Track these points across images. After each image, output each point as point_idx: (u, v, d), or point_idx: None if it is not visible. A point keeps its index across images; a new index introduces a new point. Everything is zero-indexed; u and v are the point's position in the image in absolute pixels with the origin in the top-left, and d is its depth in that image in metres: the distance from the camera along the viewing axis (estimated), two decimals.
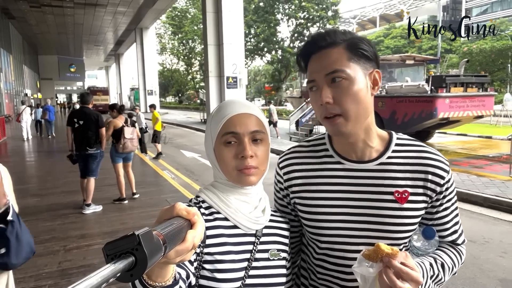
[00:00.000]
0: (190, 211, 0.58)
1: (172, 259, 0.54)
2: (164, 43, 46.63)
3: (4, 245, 1.43)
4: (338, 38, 0.93)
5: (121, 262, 0.43)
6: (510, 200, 5.38)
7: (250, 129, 0.91)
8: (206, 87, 19.59)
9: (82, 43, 38.10)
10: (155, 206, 5.77)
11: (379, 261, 0.81)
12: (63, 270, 3.61)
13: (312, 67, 0.95)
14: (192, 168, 8.98)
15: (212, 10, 18.82)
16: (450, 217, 1.02)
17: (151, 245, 0.46)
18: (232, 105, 0.93)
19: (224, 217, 0.93)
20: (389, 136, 1.03)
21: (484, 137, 13.65)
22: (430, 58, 16.22)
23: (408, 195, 0.95)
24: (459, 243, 1.05)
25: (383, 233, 0.96)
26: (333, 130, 0.95)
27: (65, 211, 5.48)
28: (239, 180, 0.91)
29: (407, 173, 0.97)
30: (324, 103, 0.91)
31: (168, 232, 0.51)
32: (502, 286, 3.32)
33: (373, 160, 0.99)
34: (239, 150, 0.90)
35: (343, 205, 0.99)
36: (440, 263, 0.97)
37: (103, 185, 6.90)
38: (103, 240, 4.37)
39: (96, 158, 5.57)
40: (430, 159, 0.97)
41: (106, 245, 0.45)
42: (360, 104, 0.91)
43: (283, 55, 34.47)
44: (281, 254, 0.99)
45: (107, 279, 0.41)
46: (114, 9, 25.09)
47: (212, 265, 0.88)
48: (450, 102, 10.87)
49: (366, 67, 0.93)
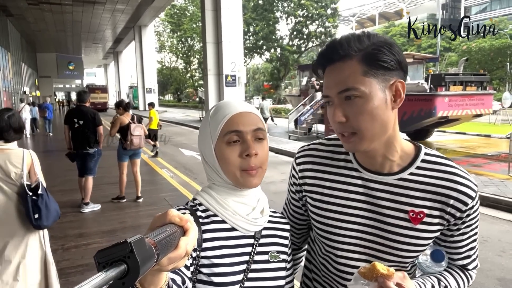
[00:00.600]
0: (183, 217, 0.57)
1: (165, 266, 0.54)
2: (162, 41, 46.52)
3: (37, 212, 2.31)
4: (352, 50, 0.85)
5: (113, 270, 0.43)
6: (509, 199, 5.39)
7: (253, 127, 0.89)
8: (205, 85, 19.56)
9: (80, 41, 37.98)
10: (153, 205, 5.76)
11: (374, 280, 0.80)
12: (61, 270, 3.59)
13: (326, 81, 0.90)
14: (191, 166, 8.98)
15: (211, 8, 18.78)
16: (465, 242, 0.97)
17: (143, 252, 0.46)
18: (231, 105, 0.92)
19: (222, 219, 0.91)
20: (416, 151, 0.95)
21: (483, 135, 13.67)
22: (429, 56, 16.22)
23: (423, 216, 0.90)
24: (470, 268, 1.01)
25: (391, 249, 0.93)
26: (348, 148, 0.91)
27: (63, 210, 5.41)
28: (243, 181, 0.89)
29: (427, 193, 0.90)
30: (336, 122, 0.88)
31: (160, 239, 0.51)
32: (500, 285, 3.33)
33: (393, 174, 0.93)
34: (243, 148, 0.88)
35: (354, 214, 0.96)
36: (443, 286, 0.94)
37: (102, 184, 6.89)
38: (102, 239, 4.36)
39: (94, 157, 5.55)
40: (456, 182, 0.90)
41: (97, 252, 0.45)
42: (375, 122, 0.85)
43: (282, 53, 34.42)
44: (281, 256, 0.98)
45: (99, 287, 0.40)
46: (112, 7, 24.99)
47: (209, 269, 0.87)
48: (449, 100, 10.87)
49: (386, 78, 0.85)
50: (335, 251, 0.99)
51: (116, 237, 4.42)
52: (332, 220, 0.98)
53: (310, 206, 1.04)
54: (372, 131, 0.85)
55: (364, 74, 0.83)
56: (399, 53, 0.86)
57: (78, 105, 5.62)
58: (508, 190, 5.83)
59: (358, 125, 0.85)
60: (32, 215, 2.35)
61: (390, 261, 0.93)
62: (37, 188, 2.42)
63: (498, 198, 5.47)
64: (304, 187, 1.05)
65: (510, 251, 4.02)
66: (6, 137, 2.43)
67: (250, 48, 34.55)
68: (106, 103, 40.35)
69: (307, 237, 1.17)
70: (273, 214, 1.03)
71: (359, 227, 0.95)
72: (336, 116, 0.86)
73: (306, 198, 1.05)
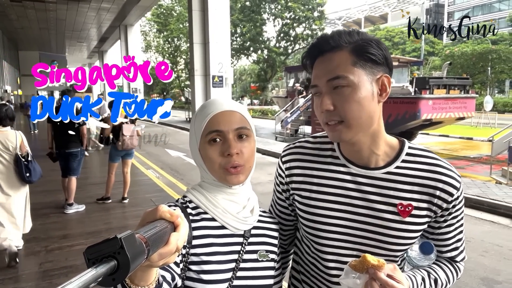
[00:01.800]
0: (174, 213, 0.57)
1: (155, 262, 0.54)
2: (149, 40, 46.06)
3: (28, 171, 3.77)
4: (343, 41, 0.88)
5: (103, 266, 0.43)
6: (491, 200, 5.51)
7: (234, 126, 0.89)
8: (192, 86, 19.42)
9: (64, 39, 37.30)
10: (139, 206, 5.69)
11: (365, 272, 0.80)
12: (45, 272, 3.52)
13: (315, 72, 0.92)
14: (177, 167, 8.91)
15: (198, 8, 18.67)
16: (452, 234, 0.99)
17: (133, 248, 0.46)
18: (215, 104, 0.92)
19: (212, 217, 0.91)
20: (400, 145, 0.97)
21: (465, 138, 13.96)
22: (414, 60, 16.49)
23: (411, 209, 0.92)
24: (458, 260, 1.02)
25: (380, 243, 0.93)
26: (333, 137, 0.92)
27: (46, 211, 5.35)
28: (225, 179, 0.89)
29: (414, 185, 0.92)
30: (324, 110, 0.88)
31: (151, 235, 0.50)
32: (484, 284, 3.39)
33: (380, 168, 0.94)
34: (224, 148, 0.88)
35: (343, 210, 0.96)
36: (433, 278, 0.95)
37: (86, 184, 6.78)
38: (86, 241, 4.28)
39: (77, 157, 5.44)
40: (441, 173, 0.92)
41: (87, 249, 0.45)
42: (362, 111, 0.87)
43: (269, 55, 34.49)
44: (270, 255, 0.98)
45: (89, 283, 0.40)
46: (98, 5, 24.62)
47: (198, 266, 0.87)
48: (433, 103, 11.06)
49: (374, 72, 0.88)
50: (324, 248, 0.99)
51: (102, 239, 4.28)
52: (321, 217, 0.97)
53: (298, 204, 1.03)
54: (358, 120, 0.87)
55: (353, 64, 0.86)
56: (386, 50, 0.89)
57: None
58: (490, 191, 5.96)
59: (345, 114, 0.87)
60: (25, 174, 3.79)
61: (380, 255, 0.93)
62: (27, 156, 3.86)
63: (480, 199, 5.59)
64: (291, 185, 1.04)
65: (493, 251, 4.10)
66: (4, 123, 3.81)
67: (237, 49, 34.52)
68: None
69: (294, 239, 1.16)
70: (262, 214, 1.03)
71: (348, 223, 0.95)
72: (324, 104, 0.88)
73: (293, 197, 1.05)
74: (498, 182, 6.77)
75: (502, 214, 5.27)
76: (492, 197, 5.63)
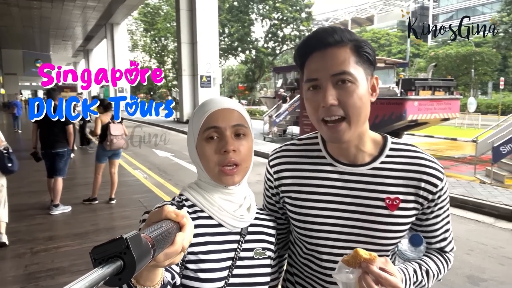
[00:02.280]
0: (179, 213, 0.57)
1: (161, 262, 0.54)
2: (135, 40, 45.57)
3: (10, 162, 4.06)
4: (346, 38, 0.88)
5: (109, 266, 0.43)
6: (476, 199, 5.61)
7: (232, 123, 0.89)
8: (180, 86, 19.36)
9: (49, 38, 36.69)
10: (127, 207, 5.63)
11: (358, 266, 0.81)
12: (30, 274, 3.45)
13: (315, 64, 0.90)
14: (165, 167, 8.83)
15: (186, 8, 18.61)
16: (440, 225, 1.00)
17: (139, 248, 0.46)
18: (214, 102, 0.92)
19: (208, 215, 0.91)
20: (383, 140, 1.00)
21: (450, 139, 14.20)
22: (400, 61, 16.70)
23: (399, 202, 0.93)
24: (447, 250, 1.04)
25: (371, 238, 0.95)
26: (333, 137, 0.91)
27: (31, 212, 5.25)
28: (221, 179, 0.89)
29: (400, 179, 0.94)
30: (328, 105, 0.87)
31: (156, 235, 0.51)
32: (469, 282, 3.46)
33: (366, 164, 0.96)
34: (221, 145, 0.88)
35: (333, 208, 0.97)
36: (425, 270, 0.97)
37: (72, 185, 6.68)
38: (73, 242, 4.22)
39: (64, 157, 5.35)
40: (424, 166, 0.94)
41: (93, 249, 0.45)
42: (363, 108, 0.89)
43: (257, 55, 34.52)
44: (267, 253, 0.98)
45: (95, 283, 0.40)
46: (83, 3, 24.30)
47: (195, 264, 0.86)
48: (418, 104, 11.22)
49: (368, 72, 0.91)
50: (317, 248, 0.99)
51: (89, 240, 4.28)
52: (311, 217, 0.98)
53: (288, 206, 1.03)
54: (358, 116, 0.88)
55: (355, 61, 0.88)
56: (374, 52, 0.93)
57: None
58: (475, 191, 6.07)
59: (348, 109, 0.87)
60: (7, 164, 4.06)
61: (372, 250, 0.93)
62: (7, 148, 4.11)
63: (465, 198, 5.69)
64: (281, 188, 1.05)
65: (478, 249, 4.19)
66: None
67: (225, 49, 34.47)
68: None
69: (287, 243, 1.16)
70: (259, 212, 1.03)
71: (339, 221, 0.96)
72: (329, 98, 0.86)
73: (283, 199, 1.05)
74: (482, 182, 6.90)
75: (486, 213, 5.37)
76: (477, 196, 5.74)
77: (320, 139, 1.05)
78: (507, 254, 4.07)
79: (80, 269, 3.52)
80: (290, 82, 16.15)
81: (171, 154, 10.69)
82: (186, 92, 18.87)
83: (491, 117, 21.23)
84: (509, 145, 6.52)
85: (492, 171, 6.89)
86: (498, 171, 6.95)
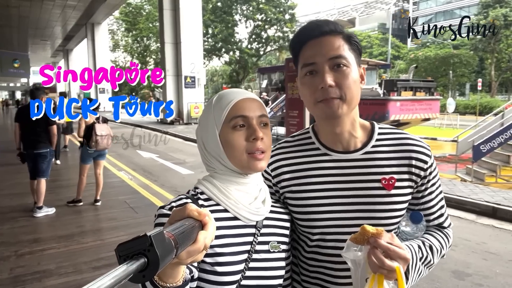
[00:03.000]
0: (202, 212, 0.58)
1: (184, 260, 0.55)
2: (117, 39, 44.93)
3: None
4: (338, 28, 0.97)
5: (133, 263, 0.44)
6: (458, 197, 5.77)
7: (257, 113, 0.91)
8: (164, 86, 19.16)
9: (27, 37, 35.73)
10: (113, 208, 5.55)
11: (366, 243, 0.83)
12: (16, 277, 3.37)
13: (312, 50, 0.96)
14: (149, 168, 8.74)
15: (169, 7, 18.44)
16: (435, 201, 1.06)
17: (163, 246, 0.47)
18: (234, 92, 0.94)
19: (224, 208, 0.91)
20: (371, 126, 1.07)
21: (430, 138, 14.51)
22: (382, 63, 17.00)
23: (394, 182, 0.99)
24: (446, 226, 1.09)
25: (373, 220, 0.98)
26: (329, 112, 0.96)
27: (14, 215, 5.12)
28: (249, 164, 0.90)
29: (392, 160, 1.01)
30: (327, 86, 0.93)
31: (179, 233, 0.52)
32: (454, 277, 3.55)
33: (358, 150, 1.02)
34: (250, 132, 0.89)
35: (333, 196, 1.01)
36: (428, 245, 1.00)
37: (56, 187, 6.54)
38: (59, 244, 4.13)
39: (46, 158, 5.24)
40: (412, 145, 1.02)
41: (118, 246, 0.46)
42: (356, 91, 0.96)
43: (241, 56, 34.49)
44: (281, 246, 0.99)
45: (120, 279, 0.41)
46: (63, 2, 23.80)
47: (212, 258, 0.87)
48: (401, 105, 11.43)
49: (357, 60, 0.98)
50: (322, 236, 1.02)
51: (74, 242, 4.21)
52: (313, 207, 1.01)
53: (289, 200, 1.06)
54: (353, 98, 0.95)
55: (348, 49, 0.96)
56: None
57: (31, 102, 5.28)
58: (457, 188, 6.24)
59: (345, 91, 0.94)
60: None
61: None
62: None
63: (448, 196, 5.82)
64: (280, 185, 1.07)
65: (462, 245, 4.30)
66: None
67: (209, 50, 34.31)
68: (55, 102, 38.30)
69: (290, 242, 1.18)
70: (274, 205, 1.03)
71: (340, 207, 1.00)
72: (328, 80, 0.92)
73: (284, 195, 1.07)
74: (463, 180, 7.08)
75: (468, 210, 5.52)
76: (459, 194, 5.90)
77: (312, 133, 1.10)
78: (489, 249, 4.19)
79: (67, 271, 3.45)
80: (275, 82, 16.20)
81: (156, 155, 10.58)
82: (170, 92, 18.69)
83: (469, 118, 21.80)
84: (489, 143, 6.72)
85: (472, 169, 7.08)
86: (479, 169, 7.15)
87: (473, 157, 6.97)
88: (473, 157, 6.99)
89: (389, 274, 0.81)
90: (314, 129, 1.10)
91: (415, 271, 0.93)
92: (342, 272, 1.00)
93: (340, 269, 1.01)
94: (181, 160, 9.73)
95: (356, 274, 0.86)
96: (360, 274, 0.85)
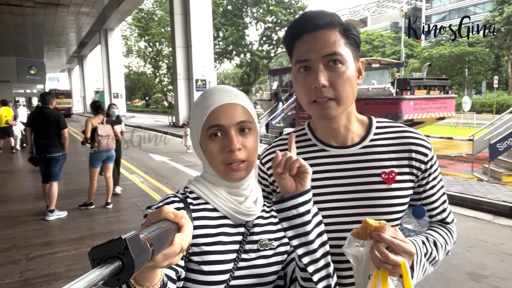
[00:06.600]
0: (178, 214, 0.57)
1: (160, 263, 0.53)
2: (130, 45, 45.54)
3: None
4: (335, 21, 0.91)
5: (107, 266, 0.43)
6: (474, 197, 5.61)
7: (236, 120, 0.86)
8: (175, 90, 19.33)
9: (42, 44, 36.54)
10: (124, 211, 5.58)
11: (369, 238, 0.78)
12: (26, 280, 3.39)
13: (306, 46, 0.91)
14: (161, 171, 8.78)
15: (180, 12, 18.60)
16: (437, 196, 1.01)
17: (138, 249, 0.46)
18: (216, 94, 0.88)
19: (213, 208, 0.89)
20: (369, 120, 1.03)
21: (446, 138, 14.24)
22: (395, 62, 16.74)
23: (395, 175, 0.96)
24: (449, 221, 1.04)
25: (375, 215, 0.94)
26: (322, 114, 0.92)
27: (27, 218, 5.18)
28: (227, 175, 0.87)
29: (391, 153, 0.97)
30: (320, 85, 0.88)
31: (155, 235, 0.51)
32: (470, 279, 3.43)
33: (356, 144, 0.99)
34: (225, 143, 0.85)
35: (332, 192, 0.98)
36: (432, 241, 0.96)
37: (68, 190, 6.61)
38: (69, 247, 4.16)
39: (59, 161, 5.30)
40: (412, 138, 0.98)
41: (92, 249, 0.45)
42: (351, 89, 0.92)
43: (252, 59, 34.53)
44: (274, 243, 0.95)
45: (93, 284, 0.40)
46: (77, 9, 24.23)
47: (199, 257, 0.84)
48: (414, 104, 11.25)
49: (354, 55, 0.93)
50: None
51: (85, 245, 4.22)
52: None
53: None
54: (347, 97, 0.91)
55: (344, 44, 0.91)
56: (359, 35, 0.97)
57: (42, 107, 5.35)
58: (473, 188, 6.07)
59: (339, 91, 0.90)
60: None
61: None
62: None
63: (464, 196, 5.68)
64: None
65: (478, 246, 4.17)
66: None
67: (220, 53, 34.47)
68: (70, 108, 38.95)
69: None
70: (267, 204, 1.00)
71: (341, 203, 0.97)
72: (320, 79, 0.88)
73: None
74: (480, 179, 6.91)
75: (485, 210, 5.36)
76: (475, 194, 5.74)
77: (308, 129, 1.07)
78: (507, 250, 4.05)
79: (76, 274, 3.46)
80: (286, 84, 16.14)
81: (168, 158, 10.63)
82: (181, 96, 18.83)
83: (486, 116, 21.34)
84: (505, 142, 6.53)
85: (489, 169, 6.89)
86: (495, 168, 6.96)
87: (490, 156, 6.79)
88: (489, 156, 6.82)
89: (394, 269, 0.77)
90: (310, 126, 1.07)
91: (420, 267, 0.89)
92: (345, 272, 0.97)
93: (343, 268, 0.97)
94: (192, 162, 9.75)
95: (358, 271, 0.83)
96: (362, 271, 0.82)
